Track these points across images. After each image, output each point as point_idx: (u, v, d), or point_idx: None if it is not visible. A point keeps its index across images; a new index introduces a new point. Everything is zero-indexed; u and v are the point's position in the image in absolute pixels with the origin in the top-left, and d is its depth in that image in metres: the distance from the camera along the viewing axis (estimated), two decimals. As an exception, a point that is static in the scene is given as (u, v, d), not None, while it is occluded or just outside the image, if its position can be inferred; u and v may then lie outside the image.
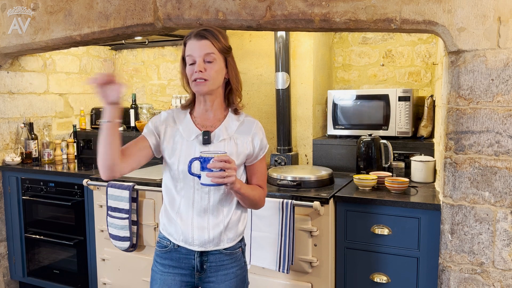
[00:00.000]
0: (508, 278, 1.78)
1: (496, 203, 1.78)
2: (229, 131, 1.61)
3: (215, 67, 1.54)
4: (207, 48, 1.52)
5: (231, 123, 1.63)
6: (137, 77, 4.11)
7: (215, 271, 1.61)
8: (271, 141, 3.12)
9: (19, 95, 3.36)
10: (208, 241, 1.58)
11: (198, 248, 1.58)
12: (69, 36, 2.57)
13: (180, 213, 1.60)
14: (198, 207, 1.58)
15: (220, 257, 1.61)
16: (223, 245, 1.61)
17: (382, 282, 2.18)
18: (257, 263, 2.28)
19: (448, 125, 1.83)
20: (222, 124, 1.62)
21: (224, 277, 1.62)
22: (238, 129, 1.63)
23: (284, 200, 2.18)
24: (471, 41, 1.74)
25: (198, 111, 1.64)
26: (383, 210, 2.15)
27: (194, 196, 1.58)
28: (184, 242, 1.59)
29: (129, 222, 2.57)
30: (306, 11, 1.96)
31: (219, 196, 1.59)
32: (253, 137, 1.63)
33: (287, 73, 2.90)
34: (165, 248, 1.63)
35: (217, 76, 1.55)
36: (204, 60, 1.52)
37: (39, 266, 3.24)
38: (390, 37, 3.16)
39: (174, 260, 1.62)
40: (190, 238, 1.58)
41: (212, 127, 1.61)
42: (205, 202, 1.58)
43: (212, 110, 1.62)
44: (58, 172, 3.08)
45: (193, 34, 1.55)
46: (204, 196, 1.57)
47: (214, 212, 1.59)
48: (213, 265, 1.61)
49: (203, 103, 1.62)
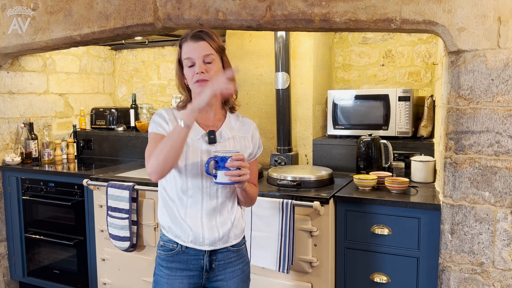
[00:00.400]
0: (508, 278, 1.78)
1: (496, 203, 1.78)
2: (232, 131, 1.64)
3: (215, 67, 1.57)
4: (205, 50, 1.54)
5: (233, 122, 1.67)
6: (137, 77, 4.11)
7: (223, 269, 1.63)
8: (271, 141, 3.12)
9: (19, 95, 3.36)
10: (218, 239, 1.60)
11: (208, 248, 1.59)
12: (69, 36, 2.57)
13: (188, 214, 1.59)
14: (207, 207, 1.59)
15: (228, 255, 1.64)
16: (231, 242, 1.63)
17: (382, 282, 2.18)
18: (257, 263, 2.28)
19: (448, 125, 1.83)
20: (224, 124, 1.65)
21: (231, 274, 1.64)
22: (240, 128, 1.67)
23: (284, 200, 2.18)
24: (471, 41, 1.74)
25: None
26: (383, 210, 2.15)
27: (203, 197, 1.59)
28: (193, 243, 1.59)
29: (129, 222, 2.57)
30: (306, 11, 1.96)
31: (225, 195, 1.62)
32: (252, 137, 1.69)
33: (287, 73, 2.90)
34: (171, 252, 1.62)
35: (216, 75, 1.55)
36: (203, 61, 1.54)
37: (39, 266, 3.24)
38: (390, 37, 3.16)
39: (182, 263, 1.61)
40: (200, 238, 1.58)
41: (215, 127, 1.63)
42: (214, 201, 1.60)
43: (212, 110, 1.64)
44: (58, 172, 3.08)
45: (189, 36, 1.56)
46: (213, 195, 1.59)
47: (221, 211, 1.61)
48: (221, 263, 1.63)
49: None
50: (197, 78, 1.54)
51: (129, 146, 3.58)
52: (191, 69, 1.56)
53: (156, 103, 3.97)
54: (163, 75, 3.97)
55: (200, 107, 1.45)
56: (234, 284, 1.64)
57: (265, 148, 3.14)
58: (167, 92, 3.94)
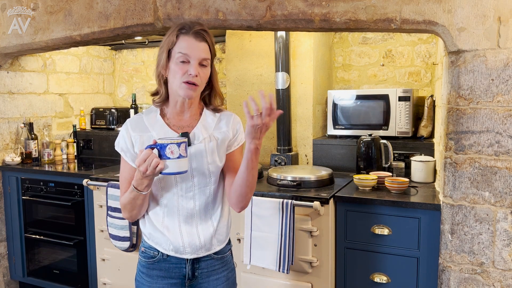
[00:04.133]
0: (508, 278, 1.78)
1: (496, 203, 1.77)
2: (208, 129, 1.54)
3: (207, 72, 1.48)
4: (205, 53, 1.45)
5: (209, 119, 1.56)
6: (137, 77, 4.11)
7: (206, 277, 1.57)
8: (271, 141, 3.12)
9: (19, 95, 3.36)
10: (200, 247, 1.52)
11: (190, 256, 1.52)
12: (69, 36, 2.57)
13: (165, 223, 1.52)
14: (183, 213, 1.51)
15: (211, 263, 1.57)
16: (214, 249, 1.56)
17: (382, 282, 2.18)
18: (257, 263, 2.27)
19: (448, 125, 1.83)
20: (199, 123, 1.54)
21: (215, 282, 1.58)
22: (217, 125, 1.56)
23: (284, 200, 2.18)
24: (471, 41, 1.74)
25: (171, 111, 1.54)
26: (383, 210, 2.15)
27: (178, 202, 1.51)
28: (174, 252, 1.52)
29: (129, 222, 2.56)
30: (306, 11, 1.96)
31: (205, 199, 1.53)
32: (233, 128, 1.58)
33: (287, 73, 2.90)
34: (152, 259, 1.55)
35: (205, 81, 1.50)
36: (199, 63, 1.45)
37: (39, 266, 3.24)
38: (390, 37, 3.16)
39: (163, 270, 1.54)
40: (181, 247, 1.51)
41: (189, 127, 1.53)
42: (191, 207, 1.52)
43: (189, 111, 1.54)
44: (58, 172, 3.08)
45: (191, 32, 1.44)
46: (188, 201, 1.51)
47: (201, 216, 1.53)
48: (205, 271, 1.56)
49: (180, 104, 1.52)
50: (188, 79, 1.43)
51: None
52: (183, 66, 1.43)
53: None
54: (163, 75, 3.96)
55: (149, 181, 1.41)
56: None
57: (265, 148, 3.14)
58: (167, 92, 3.94)
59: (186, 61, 1.43)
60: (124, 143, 1.53)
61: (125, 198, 1.49)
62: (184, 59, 1.43)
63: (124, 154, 1.53)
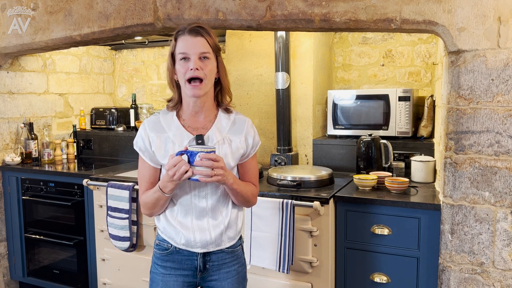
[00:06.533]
0: (508, 278, 1.78)
1: (496, 203, 1.77)
2: (222, 132, 1.58)
3: (210, 66, 1.51)
4: (202, 46, 1.48)
5: (223, 122, 1.60)
6: (137, 77, 4.11)
7: (217, 269, 1.62)
8: (271, 141, 3.12)
9: (19, 95, 3.36)
10: (210, 242, 1.58)
11: (201, 250, 1.58)
12: (69, 36, 2.57)
13: (178, 219, 1.58)
14: (196, 211, 1.57)
15: (222, 256, 1.62)
16: (224, 245, 1.61)
17: (382, 282, 2.18)
18: (257, 263, 2.27)
19: (448, 125, 1.83)
20: (213, 125, 1.58)
21: (226, 275, 1.63)
22: (231, 129, 1.60)
23: (284, 200, 2.18)
24: (471, 41, 1.74)
25: (186, 113, 1.59)
26: (383, 210, 2.15)
27: (192, 201, 1.56)
28: (185, 246, 1.58)
29: (129, 222, 2.57)
30: (306, 11, 1.96)
31: (216, 198, 1.58)
32: (246, 136, 1.62)
33: (287, 73, 2.90)
34: (166, 251, 1.62)
35: (211, 76, 1.52)
36: (199, 58, 1.48)
37: (39, 266, 3.24)
38: (390, 37, 3.16)
39: (176, 262, 1.61)
40: (192, 241, 1.57)
41: (204, 129, 1.57)
42: (203, 205, 1.57)
43: (203, 112, 1.58)
44: (58, 172, 3.08)
45: (187, 30, 1.49)
46: (201, 200, 1.56)
47: (212, 214, 1.58)
48: (216, 264, 1.61)
49: (192, 105, 1.56)
50: (190, 74, 1.47)
51: (129, 146, 3.58)
52: (185, 63, 1.48)
53: (156, 103, 3.97)
54: (163, 75, 3.97)
55: (179, 182, 1.47)
56: (229, 285, 1.63)
57: (265, 148, 3.14)
58: (167, 92, 3.94)
59: (186, 58, 1.49)
60: (142, 142, 1.59)
61: (148, 197, 1.56)
62: (184, 56, 1.49)
63: (142, 153, 1.60)
